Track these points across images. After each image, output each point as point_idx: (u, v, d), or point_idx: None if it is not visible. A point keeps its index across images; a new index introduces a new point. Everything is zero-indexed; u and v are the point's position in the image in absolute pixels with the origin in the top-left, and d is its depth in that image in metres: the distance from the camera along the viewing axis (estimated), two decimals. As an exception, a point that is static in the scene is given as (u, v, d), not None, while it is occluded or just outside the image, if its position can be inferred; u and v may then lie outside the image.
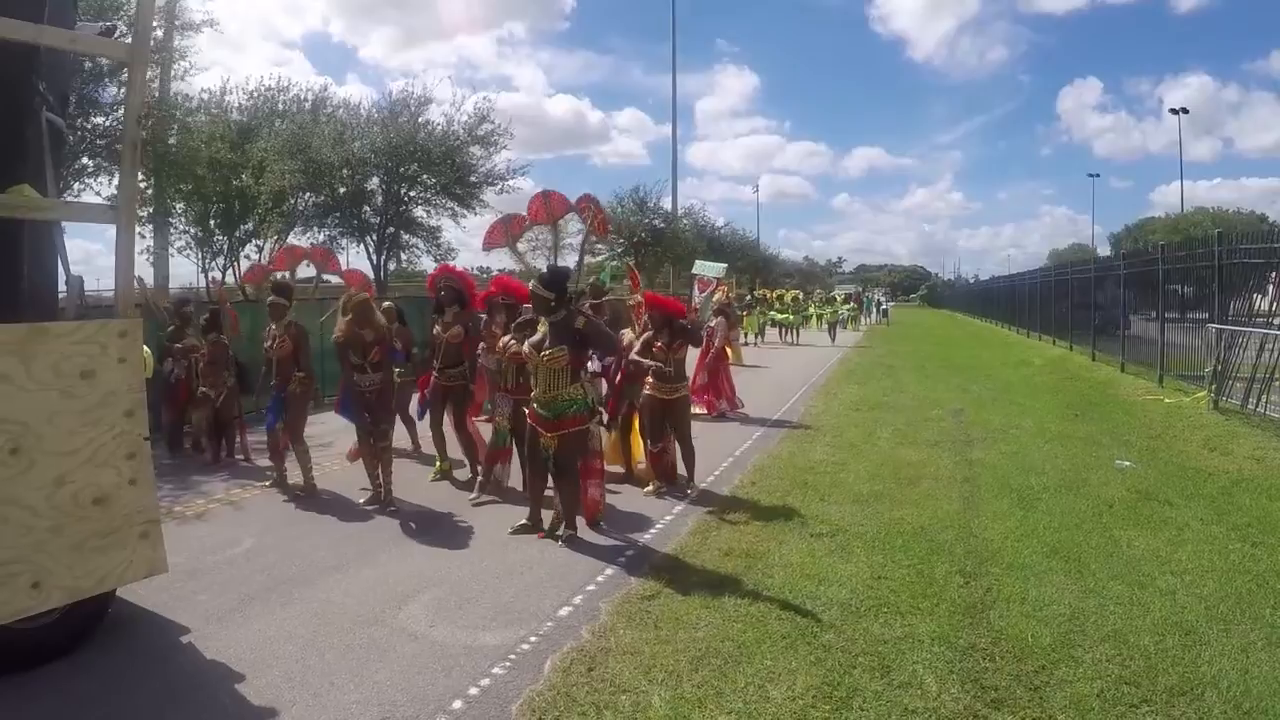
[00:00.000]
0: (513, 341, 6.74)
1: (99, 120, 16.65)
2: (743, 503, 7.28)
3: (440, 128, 26.24)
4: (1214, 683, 3.84)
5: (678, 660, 4.15)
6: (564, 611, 4.89)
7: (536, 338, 6.26)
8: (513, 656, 4.31)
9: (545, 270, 6.32)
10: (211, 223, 21.63)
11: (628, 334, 8.24)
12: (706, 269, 13.24)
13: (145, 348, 6.43)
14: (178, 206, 21.15)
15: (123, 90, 16.59)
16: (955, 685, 3.87)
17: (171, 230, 21.93)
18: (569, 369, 6.16)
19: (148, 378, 6.45)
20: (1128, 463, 8.54)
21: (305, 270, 9.91)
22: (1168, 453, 9.06)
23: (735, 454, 9.50)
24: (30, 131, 4.50)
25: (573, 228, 7.52)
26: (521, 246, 7.24)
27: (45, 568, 3.87)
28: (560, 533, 6.28)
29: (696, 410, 12.25)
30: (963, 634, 4.43)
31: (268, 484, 8.08)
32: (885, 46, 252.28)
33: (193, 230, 21.97)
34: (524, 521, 6.54)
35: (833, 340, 28.35)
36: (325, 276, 9.44)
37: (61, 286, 5.15)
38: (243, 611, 5.00)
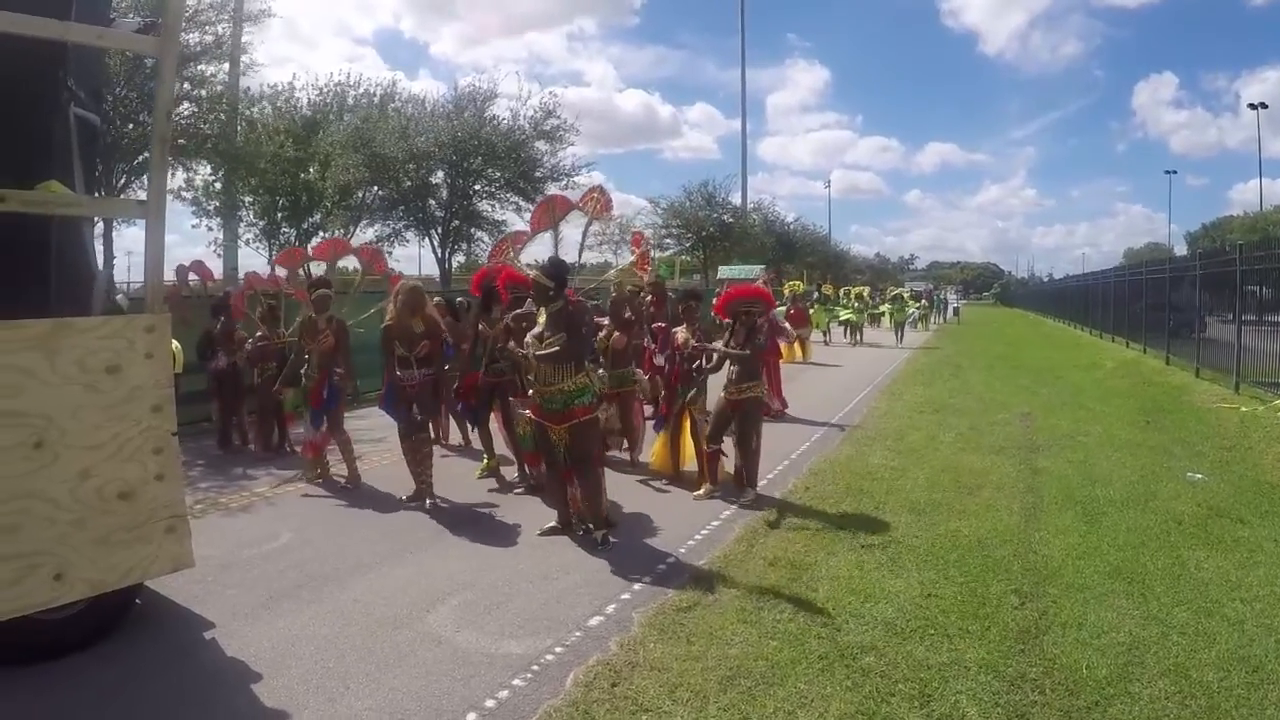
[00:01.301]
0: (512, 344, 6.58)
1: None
2: (794, 509, 7.02)
3: (506, 122, 26.37)
4: (1281, 730, 3.48)
5: (706, 679, 3.93)
6: (594, 621, 4.71)
7: (537, 329, 6.14)
8: (535, 667, 4.13)
9: (547, 261, 6.25)
10: (278, 215, 21.99)
11: (681, 331, 7.99)
12: (735, 273, 12.96)
13: (175, 342, 6.42)
14: (245, 200, 21.53)
15: (183, 86, 16.94)
16: (1000, 720, 3.59)
17: (240, 223, 22.36)
18: (571, 360, 5.99)
19: (178, 373, 6.43)
20: (1200, 476, 8.05)
21: (344, 263, 9.86)
22: (1242, 466, 8.52)
23: (791, 457, 9.22)
24: (58, 128, 4.50)
25: (581, 221, 7.39)
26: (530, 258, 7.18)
27: (68, 560, 3.84)
28: (593, 533, 6.11)
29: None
30: (1013, 662, 4.13)
31: (314, 477, 8.05)
32: (956, 41, 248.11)
33: (260, 223, 22.36)
34: (552, 524, 6.38)
35: (899, 341, 26.74)
36: (370, 275, 9.40)
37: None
38: (269, 608, 4.93)
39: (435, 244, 27.78)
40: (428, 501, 7.13)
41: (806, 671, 4.02)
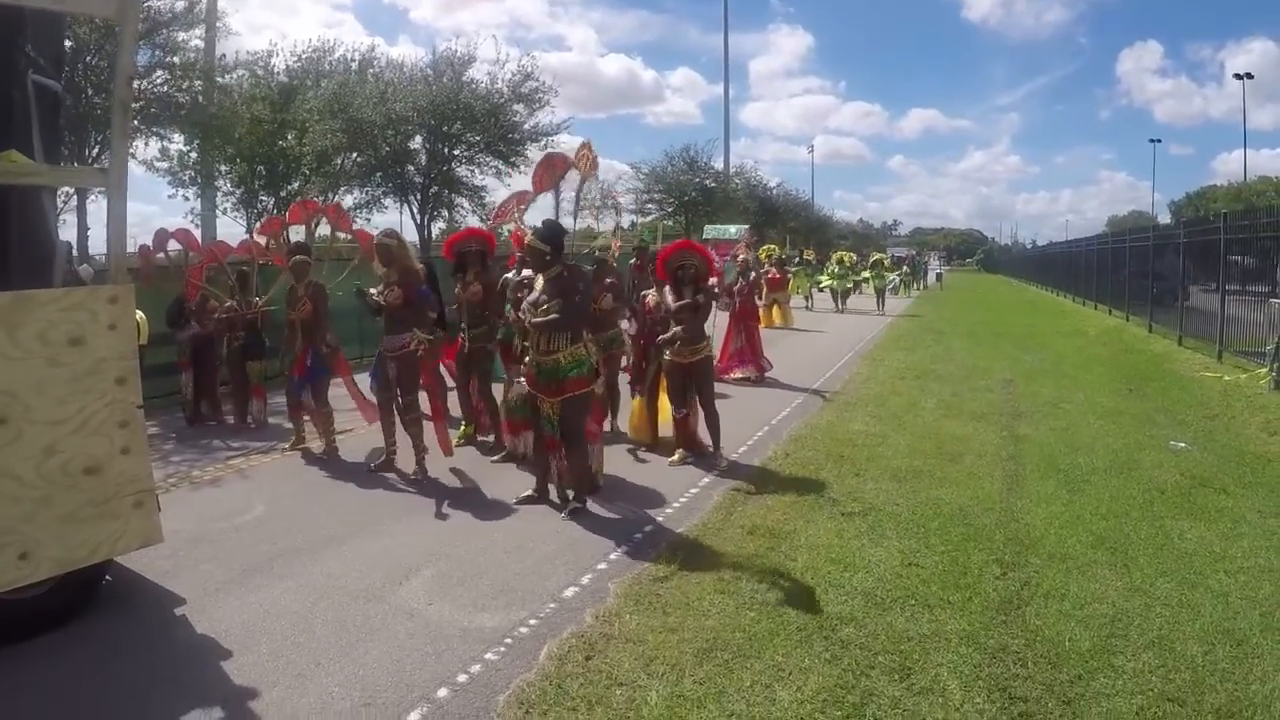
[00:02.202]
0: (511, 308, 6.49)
1: (135, 83, 16.61)
2: (773, 476, 6.99)
3: (484, 86, 26.04)
4: (1265, 705, 3.45)
5: (682, 651, 3.90)
6: (569, 592, 4.66)
7: (533, 295, 6.00)
8: (509, 640, 4.08)
9: (542, 224, 6.11)
10: (256, 184, 21.69)
11: (652, 295, 7.91)
12: (720, 232, 12.86)
13: (139, 313, 6.29)
14: (222, 168, 21.22)
15: (156, 53, 16.62)
16: (981, 694, 3.55)
17: (218, 192, 22.06)
18: (568, 328, 5.89)
19: (143, 344, 6.30)
20: (1182, 444, 8.06)
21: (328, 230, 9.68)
22: (1225, 435, 8.55)
23: (771, 423, 9.19)
24: (16, 95, 4.34)
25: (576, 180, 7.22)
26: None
27: (34, 538, 3.76)
28: (568, 505, 6.05)
29: (747, 375, 12.01)
30: (994, 633, 4.10)
31: (287, 448, 7.96)
32: (941, 6, 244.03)
33: (237, 192, 22.07)
34: (530, 492, 6.31)
35: (880, 308, 26.30)
36: (339, 235, 9.24)
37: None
38: (242, 583, 4.85)
39: (414, 210, 27.51)
40: (414, 473, 7.01)
41: (784, 643, 3.98)
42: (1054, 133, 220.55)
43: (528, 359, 6.13)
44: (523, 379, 6.41)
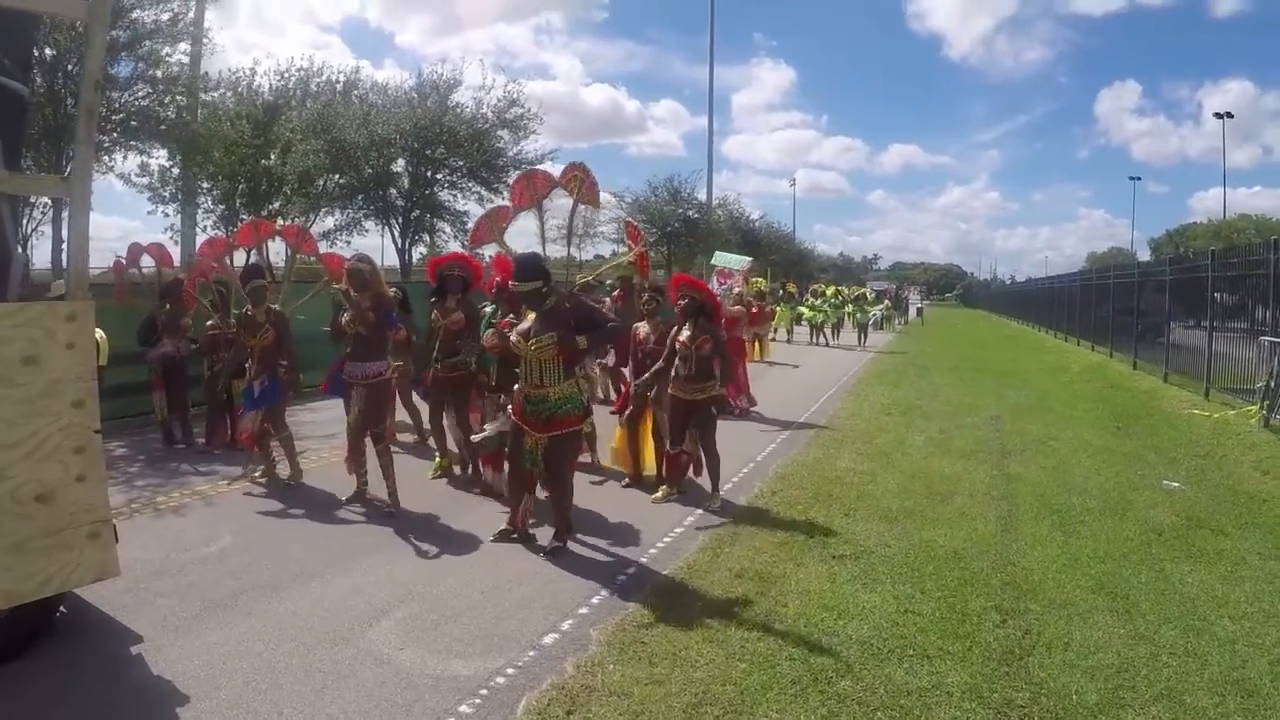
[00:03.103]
0: (492, 333, 6.25)
1: (114, 95, 16.36)
2: (761, 515, 6.77)
3: (469, 110, 26.00)
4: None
5: (670, 707, 3.66)
6: (549, 639, 4.41)
7: (524, 325, 5.77)
8: (484, 691, 3.83)
9: (515, 265, 5.77)
10: (237, 202, 21.43)
11: (643, 327, 7.69)
12: (729, 260, 12.74)
13: (100, 332, 6.02)
14: (203, 185, 20.97)
15: (139, 65, 16.39)
16: (988, 754, 3.34)
17: (199, 209, 21.78)
18: (560, 361, 5.65)
19: (102, 365, 6.03)
20: (1176, 484, 7.93)
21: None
22: (1218, 474, 8.43)
23: (757, 459, 8.97)
24: None
25: (561, 204, 6.97)
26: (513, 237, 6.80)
27: (-21, 569, 3.49)
28: (548, 543, 5.80)
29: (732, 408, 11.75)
30: (998, 686, 3.90)
31: (256, 474, 7.66)
32: (922, 44, 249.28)
33: (219, 209, 21.80)
34: (504, 527, 6.05)
35: (861, 344, 26.13)
36: (301, 257, 8.97)
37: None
38: (203, 620, 4.58)
39: (396, 234, 27.33)
40: (387, 509, 6.75)
41: (778, 699, 3.76)
42: (1033, 170, 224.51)
43: (516, 388, 5.89)
44: (501, 413, 6.18)
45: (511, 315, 6.58)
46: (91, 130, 4.02)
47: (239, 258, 9.54)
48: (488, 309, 7.36)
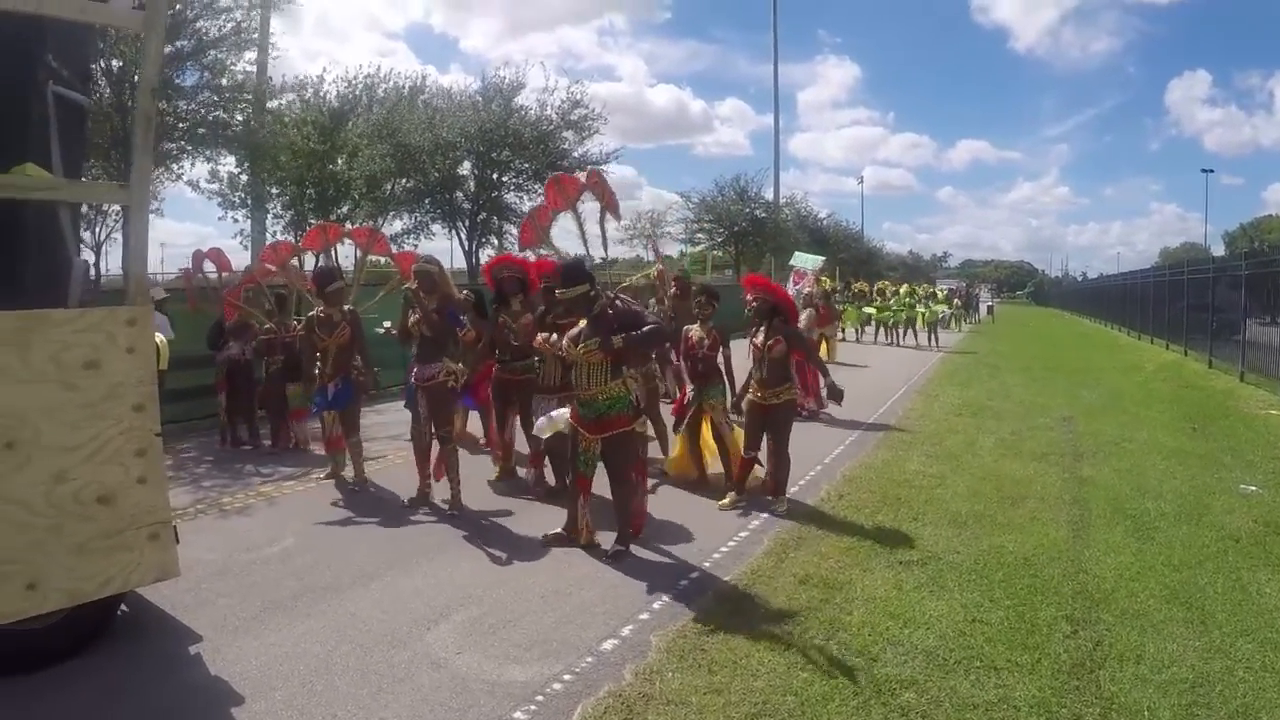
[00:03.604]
0: (548, 334, 6.20)
1: (181, 104, 16.72)
2: (827, 519, 6.60)
3: (533, 113, 26.09)
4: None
5: (728, 717, 3.55)
6: (608, 645, 4.32)
7: (575, 330, 5.76)
8: (540, 698, 3.76)
9: (561, 270, 5.84)
10: (306, 206, 21.76)
11: (695, 330, 7.55)
12: (806, 261, 12.55)
13: (160, 336, 6.11)
14: (272, 191, 21.35)
15: (205, 74, 16.73)
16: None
17: (268, 215, 22.19)
18: (608, 363, 5.62)
19: (162, 369, 6.12)
20: (1253, 488, 7.56)
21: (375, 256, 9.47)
22: (1297, 478, 8.01)
23: (824, 461, 8.79)
24: (35, 107, 4.18)
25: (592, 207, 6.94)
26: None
27: (43, 568, 3.55)
28: (610, 547, 5.73)
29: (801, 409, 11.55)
30: (1067, 701, 3.71)
31: (322, 476, 7.73)
32: (987, 37, 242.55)
33: (287, 215, 22.17)
34: (558, 530, 5.99)
35: (931, 343, 25.37)
36: (373, 258, 9.03)
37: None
38: (262, 621, 4.61)
39: (462, 237, 27.57)
40: (450, 510, 6.75)
41: (840, 710, 3.62)
42: (1103, 164, 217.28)
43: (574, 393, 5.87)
44: (553, 414, 6.15)
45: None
46: (149, 137, 4.04)
47: (303, 262, 9.58)
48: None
